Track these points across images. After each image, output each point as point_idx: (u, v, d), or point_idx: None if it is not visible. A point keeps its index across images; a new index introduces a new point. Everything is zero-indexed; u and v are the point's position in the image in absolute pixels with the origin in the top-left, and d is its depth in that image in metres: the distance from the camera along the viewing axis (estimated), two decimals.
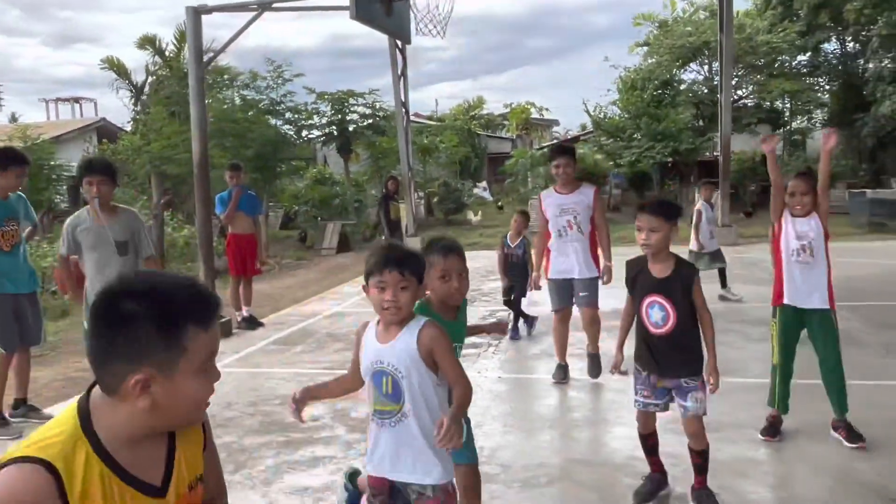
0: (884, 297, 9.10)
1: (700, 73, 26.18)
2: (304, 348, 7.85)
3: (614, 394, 5.74)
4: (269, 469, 4.52)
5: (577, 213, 5.79)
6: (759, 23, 24.59)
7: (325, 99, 24.14)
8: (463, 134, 31.65)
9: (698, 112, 25.36)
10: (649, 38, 27.22)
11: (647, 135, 22.79)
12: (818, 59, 25.54)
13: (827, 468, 4.17)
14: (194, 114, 8.77)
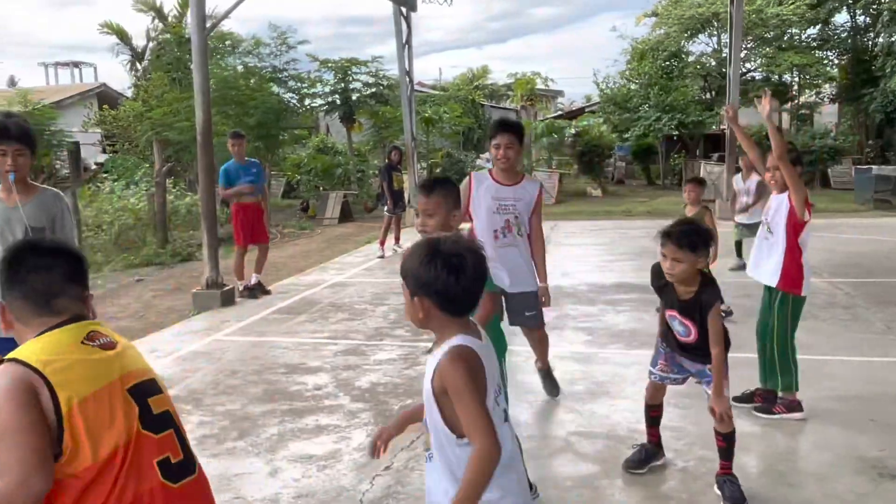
0: (887, 274, 9.11)
1: (709, 45, 25.93)
2: (306, 318, 7.89)
3: (616, 367, 5.78)
4: (274, 437, 4.57)
5: (518, 213, 4.51)
6: None
7: (329, 67, 23.93)
8: (467, 104, 31.38)
9: (706, 85, 25.16)
10: (658, 9, 26.91)
11: (656, 105, 22.56)
12: (828, 33, 25.26)
13: (827, 443, 4.20)
14: (197, 81, 8.71)
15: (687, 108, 22.59)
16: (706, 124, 23.18)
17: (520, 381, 5.48)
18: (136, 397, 1.91)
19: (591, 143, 23.57)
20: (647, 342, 6.42)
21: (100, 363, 1.90)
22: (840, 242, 11.61)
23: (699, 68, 25.36)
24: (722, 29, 23.67)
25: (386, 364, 6.05)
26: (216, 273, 8.78)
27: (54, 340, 1.90)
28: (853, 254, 10.61)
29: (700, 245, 3.36)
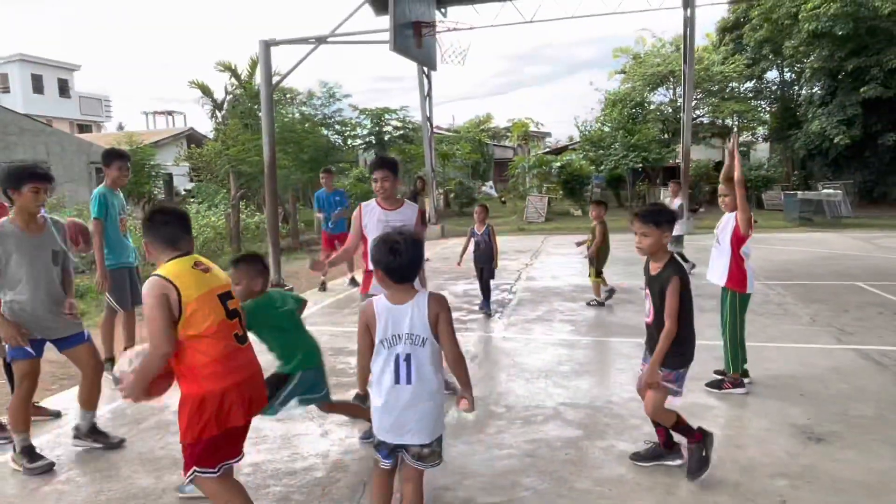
0: (810, 278, 9.00)
1: (666, 96, 25.79)
2: (349, 311, 7.88)
3: (595, 352, 5.73)
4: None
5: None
6: (715, 56, 24.16)
7: (366, 114, 24.03)
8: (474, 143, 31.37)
9: (664, 127, 25.02)
10: (625, 68, 26.81)
11: (623, 145, 22.55)
12: (761, 86, 25.08)
13: (765, 413, 4.14)
14: (265, 125, 8.77)
15: (649, 147, 22.48)
16: (665, 159, 23.04)
17: (517, 363, 5.45)
18: (221, 300, 2.68)
19: (573, 174, 23.49)
20: (619, 332, 6.39)
21: (202, 279, 2.66)
22: (773, 252, 11.48)
23: (659, 115, 25.22)
24: (676, 83, 23.54)
25: None
26: (279, 275, 8.80)
27: (178, 265, 2.67)
28: (784, 261, 10.49)
29: (662, 221, 3.21)
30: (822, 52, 20.09)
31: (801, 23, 19.40)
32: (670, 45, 25.09)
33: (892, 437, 3.69)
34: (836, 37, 18.79)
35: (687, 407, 4.25)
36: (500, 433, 3.96)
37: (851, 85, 19.32)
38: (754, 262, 4.79)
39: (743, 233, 4.42)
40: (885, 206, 19.52)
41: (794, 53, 21.02)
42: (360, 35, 9.06)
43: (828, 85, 20.83)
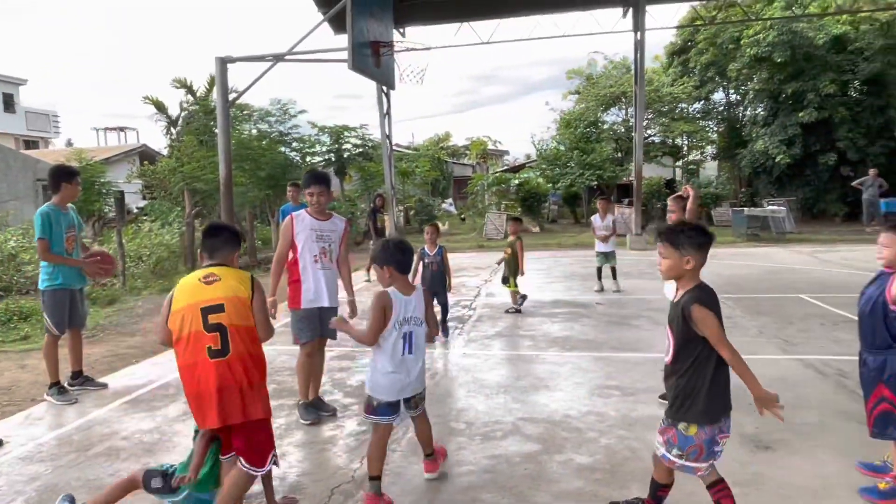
0: (758, 291, 9.33)
1: (619, 116, 26.51)
2: None
3: (553, 366, 5.80)
4: (282, 427, 4.48)
5: (331, 242, 4.58)
6: (664, 78, 25.00)
7: (325, 131, 23.95)
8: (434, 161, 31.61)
9: (617, 146, 25.68)
10: (579, 88, 27.49)
11: (579, 164, 23.06)
12: (709, 107, 25.99)
13: None
14: (221, 143, 8.65)
15: (603, 165, 23.03)
16: (619, 176, 23.64)
17: (477, 378, 5.47)
18: (203, 313, 2.85)
19: (530, 191, 23.86)
20: (576, 346, 6.49)
21: (196, 290, 2.91)
22: (723, 267, 11.87)
23: (612, 134, 25.88)
24: (628, 104, 24.27)
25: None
26: None
27: (191, 275, 3.02)
28: (733, 276, 10.84)
29: (683, 242, 2.75)
30: (763, 76, 21.05)
31: (744, 47, 20.32)
32: (622, 67, 25.88)
33: (834, 442, 3.85)
34: (775, 62, 19.75)
35: (643, 419, 4.35)
36: (460, 450, 3.96)
37: (791, 107, 20.26)
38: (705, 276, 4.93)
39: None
40: (825, 221, 20.47)
41: (737, 76, 21.94)
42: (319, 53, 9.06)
43: (770, 106, 21.77)
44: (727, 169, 26.36)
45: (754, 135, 21.69)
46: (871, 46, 19.04)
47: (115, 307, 9.73)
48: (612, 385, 5.14)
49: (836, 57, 19.67)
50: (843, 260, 12.56)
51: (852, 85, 20.00)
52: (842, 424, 4.14)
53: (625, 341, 6.61)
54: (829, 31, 19.39)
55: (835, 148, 19.80)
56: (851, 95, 20.03)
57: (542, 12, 16.85)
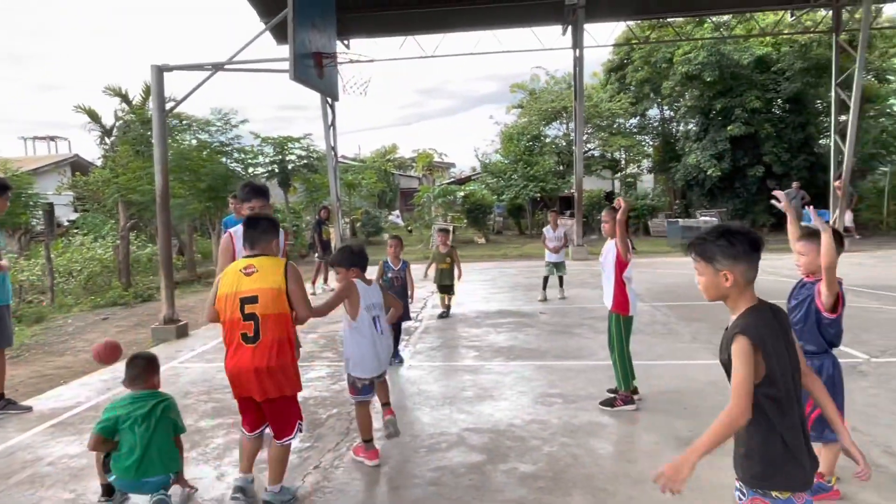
0: (691, 299, 9.67)
1: (560, 130, 27.18)
2: None
3: (498, 376, 5.83)
4: (220, 446, 4.32)
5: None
6: (603, 94, 25.80)
7: (268, 142, 23.52)
8: (380, 173, 31.55)
9: (559, 159, 26.28)
10: (522, 102, 28.04)
11: (522, 176, 23.46)
12: (644, 122, 27.01)
13: (654, 427, 4.37)
14: (157, 153, 8.34)
15: (546, 178, 23.53)
16: (561, 188, 24.17)
17: (423, 390, 5.44)
18: (241, 302, 3.24)
19: (476, 203, 24.12)
20: (521, 355, 6.55)
21: (237, 281, 3.28)
22: (658, 276, 12.28)
23: (554, 147, 26.47)
24: (569, 118, 24.91)
25: (316, 381, 5.86)
26: (172, 311, 8.31)
27: (234, 265, 3.39)
28: (668, 284, 11.23)
29: (714, 253, 2.10)
30: (694, 93, 22.07)
31: (676, 66, 21.25)
32: (563, 83, 26.57)
33: None
34: (705, 80, 20.74)
35: (584, 426, 4.42)
36: (405, 463, 3.92)
37: (721, 123, 21.28)
38: (643, 284, 5.09)
39: (623, 258, 4.68)
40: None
41: (671, 93, 22.90)
42: (261, 63, 8.89)
43: (701, 122, 22.80)
44: (662, 181, 27.37)
45: (687, 149, 22.64)
46: (791, 67, 20.25)
47: (42, 325, 9.21)
48: (554, 393, 5.21)
49: (760, 76, 20.83)
50: (771, 267, 13.20)
51: (776, 103, 21.20)
52: None
53: (567, 350, 6.73)
54: (753, 52, 20.53)
55: (761, 162, 20.88)
56: (775, 112, 21.22)
57: (485, 28, 17.16)
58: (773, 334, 2.05)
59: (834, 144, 16.65)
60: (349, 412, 4.90)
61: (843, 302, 3.12)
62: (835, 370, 3.24)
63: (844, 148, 15.95)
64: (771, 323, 2.09)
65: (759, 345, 2.00)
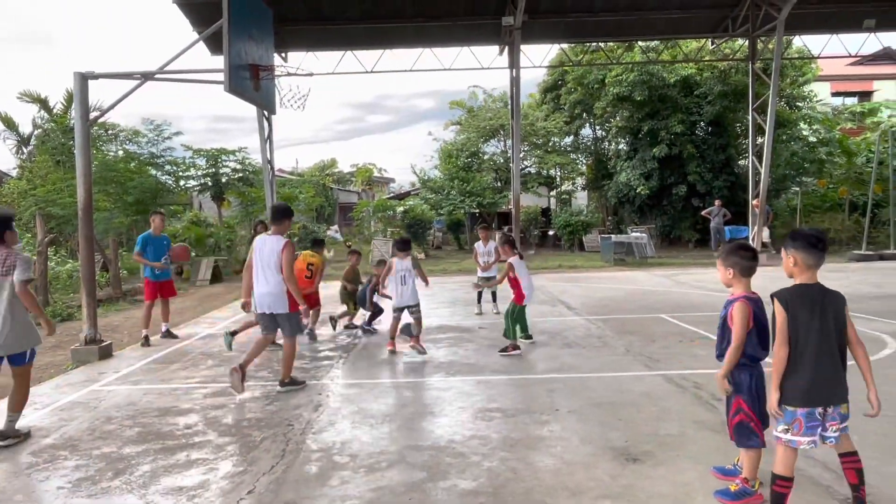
0: (625, 312, 10.00)
1: (498, 148, 27.69)
2: (179, 366, 7.23)
3: (438, 392, 5.80)
4: (147, 473, 4.08)
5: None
6: (538, 113, 26.51)
7: (201, 154, 22.79)
8: (319, 187, 31.12)
9: (497, 176, 26.74)
10: (461, 120, 28.44)
11: (460, 191, 23.70)
12: (578, 142, 27.91)
13: (590, 439, 4.44)
14: (79, 164, 7.90)
15: (483, 193, 23.86)
16: (498, 204, 24.54)
17: (362, 409, 5.34)
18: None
19: (415, 218, 24.16)
20: (460, 371, 6.55)
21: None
22: (593, 290, 12.63)
23: (492, 164, 26.94)
24: (506, 136, 25.43)
25: (250, 402, 5.65)
26: (95, 331, 7.85)
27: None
28: (602, 298, 11.56)
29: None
30: (625, 114, 23.05)
31: (608, 87, 22.12)
32: (500, 101, 27.13)
33: (693, 451, 4.16)
34: (635, 101, 21.67)
35: (522, 439, 4.44)
36: (343, 484, 3.82)
37: (649, 143, 22.27)
38: (578, 299, 5.20)
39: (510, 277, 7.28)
40: (680, 247, 22.56)
41: (602, 113, 23.80)
42: (195, 74, 8.62)
43: (630, 142, 23.80)
44: (595, 199, 28.29)
45: (618, 168, 23.56)
46: (712, 91, 21.47)
47: None
48: (493, 408, 5.22)
49: (684, 100, 21.97)
50: (696, 281, 13.83)
51: (699, 125, 22.40)
52: (699, 434, 4.48)
53: (505, 363, 6.78)
54: (678, 73, 21.69)
55: (686, 181, 21.95)
56: (698, 134, 22.41)
57: (425, 46, 17.33)
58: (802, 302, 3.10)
59: (751, 165, 17.72)
60: (285, 433, 4.75)
61: (754, 324, 3.37)
62: (752, 380, 3.41)
63: (761, 169, 17.00)
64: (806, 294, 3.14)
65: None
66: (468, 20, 16.52)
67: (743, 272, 3.43)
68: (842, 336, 3.08)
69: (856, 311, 9.28)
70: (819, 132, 21.82)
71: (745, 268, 3.42)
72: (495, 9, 16.04)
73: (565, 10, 16.72)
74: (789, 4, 14.89)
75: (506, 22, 15.37)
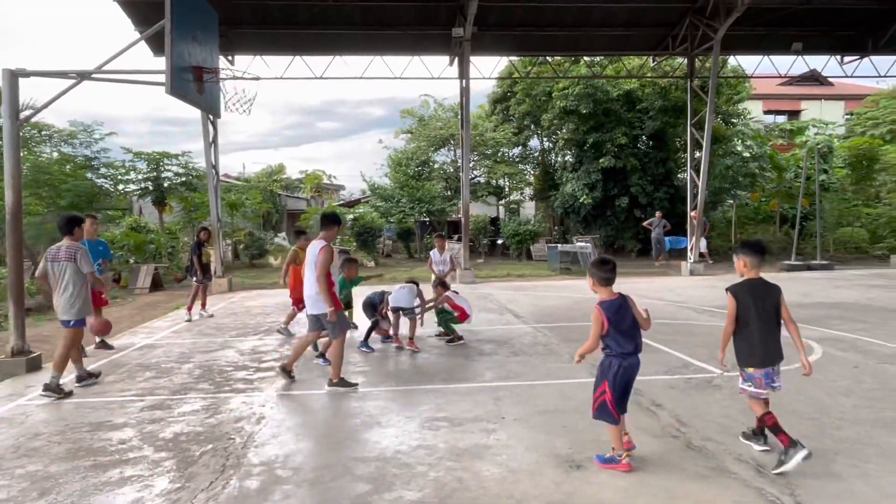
0: (571, 320, 10.17)
1: (448, 157, 27.84)
2: (114, 378, 6.89)
3: (386, 402, 5.74)
4: (76, 493, 3.86)
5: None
6: (488, 123, 26.83)
7: (142, 157, 21.96)
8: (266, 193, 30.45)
9: (447, 185, 26.86)
10: (411, 128, 28.47)
11: (410, 200, 23.68)
12: (526, 153, 28.37)
13: (535, 446, 4.48)
14: (8, 167, 7.47)
15: (433, 201, 23.92)
16: (447, 212, 24.66)
17: (307, 420, 5.23)
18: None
19: (365, 226, 23.94)
20: (410, 380, 6.51)
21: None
22: (540, 298, 12.80)
23: (442, 173, 27.06)
24: (456, 145, 25.63)
25: (189, 415, 5.44)
26: (23, 342, 7.41)
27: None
28: (549, 306, 11.72)
29: (738, 252, 4.38)
30: (571, 126, 23.58)
31: (555, 100, 22.60)
32: (451, 111, 27.33)
33: (633, 456, 4.25)
34: (581, 114, 22.21)
35: (469, 448, 4.45)
36: (286, 499, 3.72)
37: (593, 155, 22.85)
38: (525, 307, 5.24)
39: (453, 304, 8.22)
40: (623, 256, 23.18)
41: (549, 125, 24.29)
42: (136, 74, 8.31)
43: (576, 154, 24.35)
44: (542, 209, 28.78)
45: (564, 179, 24.04)
46: (653, 107, 22.24)
47: None
48: (441, 417, 5.21)
49: (627, 114, 22.67)
50: (638, 290, 14.21)
51: (641, 139, 23.14)
52: (639, 439, 4.58)
53: (454, 372, 6.78)
54: (622, 87, 22.39)
55: (628, 192, 22.60)
56: (640, 148, 23.14)
57: (375, 53, 17.28)
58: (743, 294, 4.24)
59: (690, 178, 18.43)
60: (226, 447, 4.60)
61: (610, 324, 4.04)
62: (618, 370, 4.02)
63: (699, 182, 17.72)
64: (742, 287, 4.27)
65: (734, 294, 4.29)
66: (418, 29, 16.59)
67: (600, 282, 4.15)
68: (778, 315, 4.17)
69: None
70: (752, 148, 22.89)
71: (602, 279, 4.14)
72: (445, 19, 16.17)
73: (514, 23, 17.03)
74: (725, 25, 15.62)
75: (455, 33, 15.51)
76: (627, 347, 4.01)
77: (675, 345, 7.80)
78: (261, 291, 15.69)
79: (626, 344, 4.00)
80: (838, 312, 10.24)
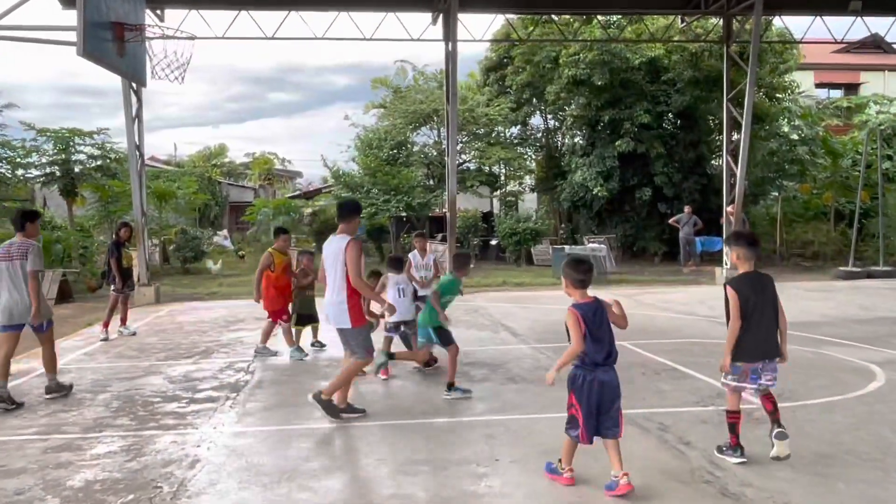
0: None
1: (430, 138, 27.86)
2: (9, 413, 6.78)
3: (352, 440, 5.72)
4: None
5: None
6: (479, 97, 26.89)
7: (47, 136, 21.74)
8: (203, 181, 30.35)
9: (429, 172, 26.86)
10: (385, 102, 28.47)
11: (383, 189, 23.46)
12: (527, 133, 28.45)
13: (535, 495, 4.49)
14: None
15: (412, 192, 23.83)
16: (430, 205, 24.60)
17: (253, 464, 5.20)
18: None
19: (327, 222, 23.88)
20: (381, 412, 6.50)
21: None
22: (543, 313, 12.85)
23: (423, 157, 27.06)
24: (441, 123, 25.62)
25: (105, 458, 5.37)
26: None
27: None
28: (553, 322, 11.74)
29: (730, 243, 5.30)
30: (581, 101, 23.64)
31: (562, 68, 22.68)
32: (434, 81, 27.33)
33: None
34: (594, 86, 22.35)
35: (455, 497, 4.44)
36: None
37: (609, 137, 23.02)
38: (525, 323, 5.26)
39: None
40: (644, 261, 23.35)
41: (555, 99, 24.35)
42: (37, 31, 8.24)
43: (588, 135, 24.50)
44: (546, 202, 28.88)
45: (573, 165, 24.07)
46: (682, 78, 22.42)
47: None
48: (420, 459, 5.20)
49: (650, 87, 22.83)
50: (663, 302, 14.35)
51: (666, 117, 23.31)
52: (665, 485, 4.60)
53: (437, 404, 6.78)
54: (644, 54, 22.51)
55: (651, 182, 22.73)
56: (666, 128, 23.32)
57: (340, 8, 17.20)
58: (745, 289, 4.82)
59: (726, 166, 18.60)
60: (150, 498, 4.56)
61: (586, 327, 4.41)
62: (584, 382, 4.47)
63: (736, 170, 17.85)
64: (741, 280, 4.87)
65: (733, 288, 4.81)
66: None
67: (575, 284, 4.50)
68: (775, 308, 4.84)
69: (841, 338, 9.88)
70: (801, 129, 23.09)
71: (577, 280, 4.49)
72: None
73: None
74: None
75: None
76: (598, 357, 4.39)
77: (708, 369, 7.87)
78: (196, 304, 15.56)
79: (597, 353, 4.38)
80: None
